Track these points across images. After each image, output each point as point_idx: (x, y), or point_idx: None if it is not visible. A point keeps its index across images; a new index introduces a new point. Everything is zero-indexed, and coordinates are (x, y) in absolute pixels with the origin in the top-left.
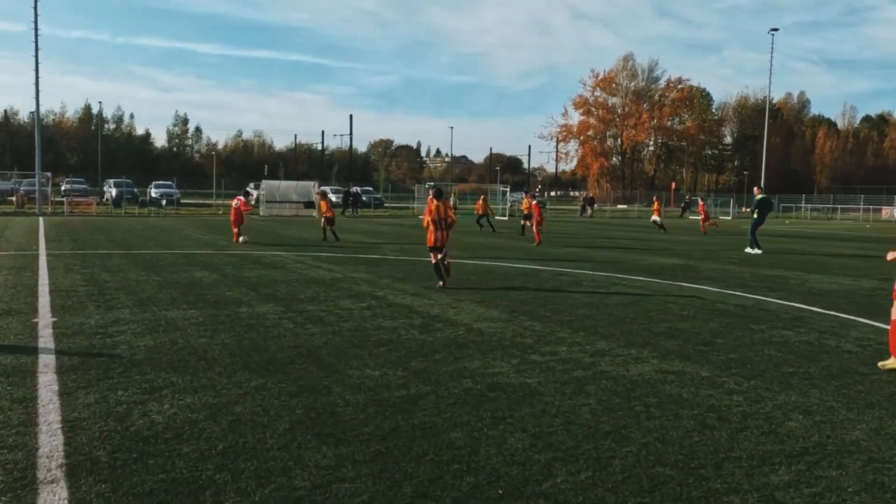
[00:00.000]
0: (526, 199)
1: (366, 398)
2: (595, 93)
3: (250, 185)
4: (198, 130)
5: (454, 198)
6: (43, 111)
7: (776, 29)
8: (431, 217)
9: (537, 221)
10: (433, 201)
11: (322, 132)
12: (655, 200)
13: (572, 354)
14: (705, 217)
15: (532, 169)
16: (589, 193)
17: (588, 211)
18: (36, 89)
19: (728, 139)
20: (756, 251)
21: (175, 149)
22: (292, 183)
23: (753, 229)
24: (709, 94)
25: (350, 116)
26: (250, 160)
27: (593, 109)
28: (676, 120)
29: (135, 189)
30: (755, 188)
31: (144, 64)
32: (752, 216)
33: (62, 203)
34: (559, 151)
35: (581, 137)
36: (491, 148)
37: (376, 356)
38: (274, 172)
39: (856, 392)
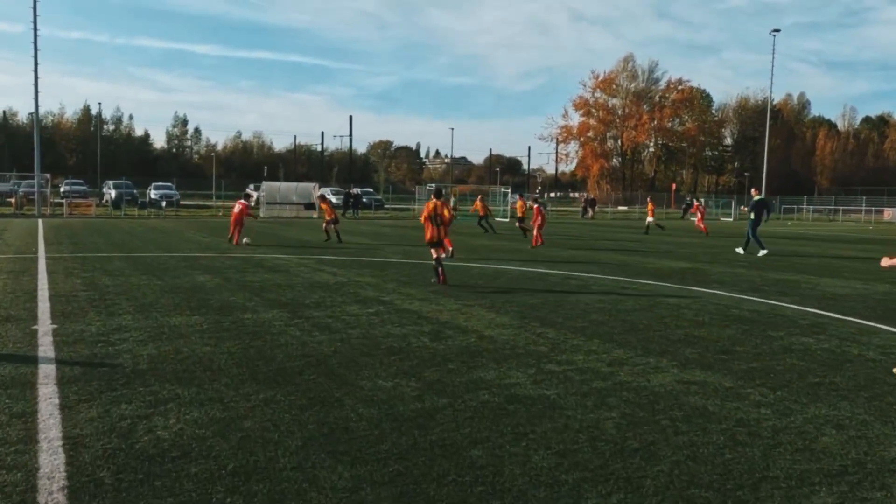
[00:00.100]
0: (520, 202)
1: (380, 412)
2: (595, 94)
3: (250, 187)
4: (197, 131)
5: (454, 199)
6: (42, 112)
7: (778, 30)
8: (427, 213)
9: (539, 224)
10: (432, 200)
11: (322, 133)
12: (650, 202)
13: (589, 364)
14: (701, 217)
15: (532, 170)
16: (590, 195)
17: (589, 212)
18: (35, 90)
19: (728, 140)
20: (741, 251)
21: (174, 150)
22: (292, 184)
23: (753, 231)
24: (709, 96)
25: (350, 118)
26: (250, 161)
27: (593, 110)
28: (677, 121)
29: (134, 190)
30: (753, 190)
31: (144, 65)
32: (749, 217)
33: (61, 205)
34: (559, 153)
35: (581, 139)
36: (491, 149)
37: (387, 366)
38: (273, 174)
39: (887, 404)
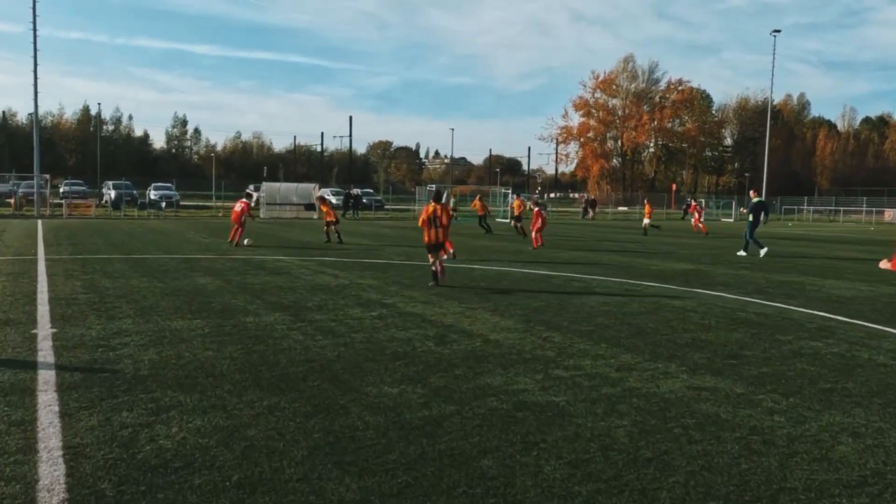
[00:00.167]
0: (517, 201)
1: (386, 420)
2: (595, 94)
3: (250, 187)
4: (197, 132)
5: (454, 200)
6: (41, 112)
7: (778, 30)
8: (426, 217)
9: (539, 227)
10: (431, 203)
11: (321, 133)
12: (647, 204)
13: (597, 369)
14: (699, 217)
15: (531, 171)
16: (590, 195)
17: (590, 213)
18: (34, 90)
19: (728, 141)
20: (743, 253)
21: (174, 150)
22: (292, 185)
23: (750, 232)
24: (709, 96)
25: (350, 118)
26: (249, 161)
27: (594, 111)
28: (677, 122)
29: (134, 191)
30: (752, 191)
31: (143, 65)
32: (748, 219)
33: (61, 205)
34: (559, 153)
35: (581, 139)
36: (490, 149)
37: (393, 371)
38: (273, 174)
39: None
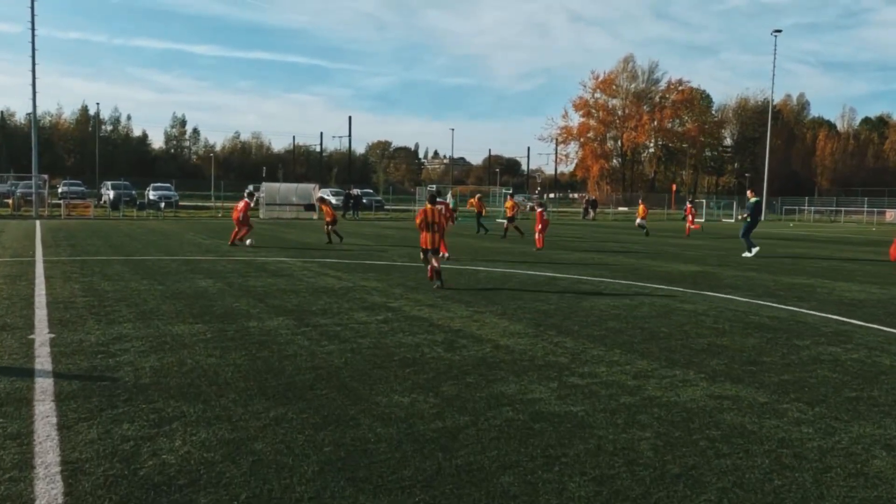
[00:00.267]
0: (510, 202)
1: (399, 432)
2: (595, 94)
3: (249, 188)
4: (195, 132)
5: (453, 201)
6: (40, 112)
7: (779, 30)
8: (423, 219)
9: (540, 229)
10: (427, 206)
11: (321, 134)
12: (641, 203)
13: (613, 376)
14: (692, 218)
15: (531, 171)
16: (591, 196)
17: (591, 213)
18: (33, 90)
19: (728, 141)
20: (749, 253)
21: (173, 150)
22: (292, 185)
23: (746, 232)
24: (708, 96)
25: (349, 118)
26: (248, 162)
27: (594, 111)
28: (677, 122)
29: (133, 191)
30: (749, 191)
31: (142, 65)
32: (746, 219)
33: (59, 206)
34: (559, 153)
35: (581, 139)
36: (490, 149)
37: (402, 379)
38: (272, 174)
39: None
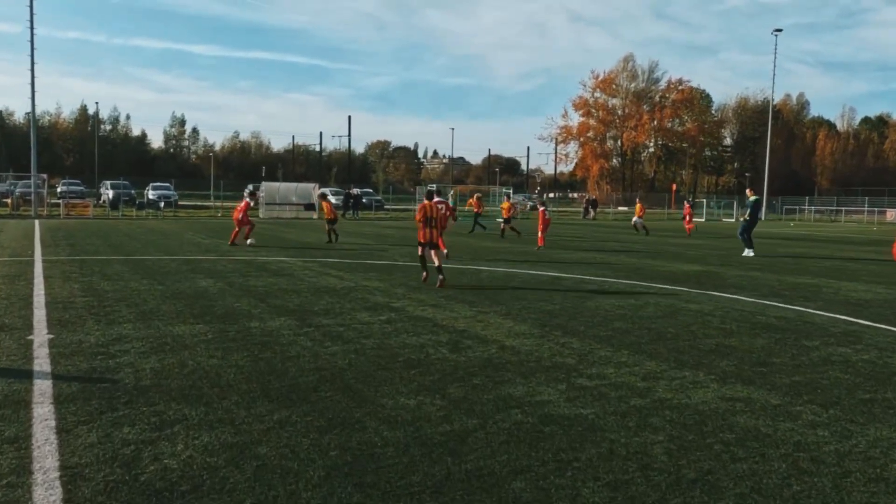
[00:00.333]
0: (506, 203)
1: (406, 435)
2: (595, 94)
3: (249, 188)
4: (195, 132)
5: (453, 200)
6: (39, 112)
7: (780, 29)
8: (423, 215)
9: (542, 228)
10: (426, 202)
11: (320, 133)
12: (638, 202)
13: (622, 378)
14: (689, 218)
15: (530, 170)
16: (591, 196)
17: (591, 213)
18: (32, 90)
19: (728, 141)
20: (750, 252)
21: (172, 150)
22: (292, 185)
23: (743, 231)
24: (708, 96)
25: (349, 118)
26: (248, 161)
27: (593, 111)
28: (677, 121)
29: (132, 191)
30: (748, 190)
31: (141, 65)
32: (745, 218)
33: (58, 205)
34: (559, 153)
35: (581, 139)
36: (489, 149)
37: (408, 381)
38: (272, 174)
39: None
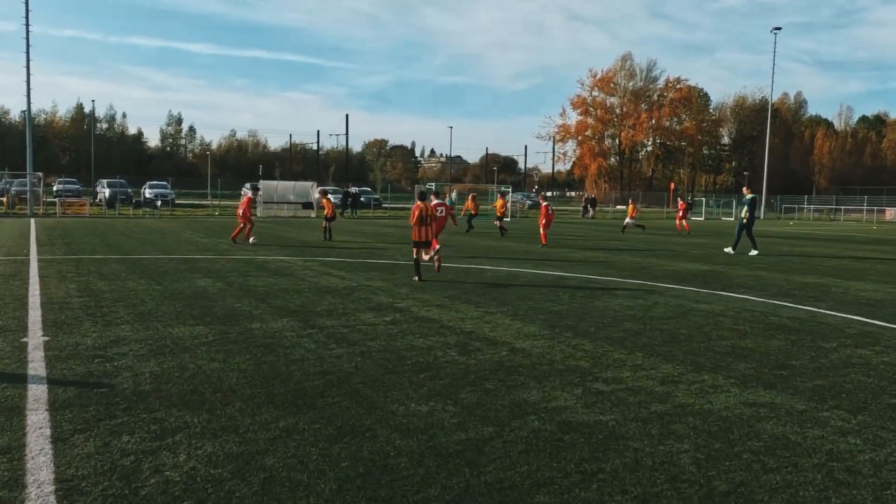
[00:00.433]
0: (500, 200)
1: (420, 444)
2: (593, 93)
3: (246, 186)
4: (191, 130)
5: (450, 199)
6: (34, 110)
7: (779, 28)
8: (419, 216)
9: (545, 224)
10: (420, 203)
11: (317, 132)
12: (631, 203)
13: (639, 382)
14: (683, 215)
15: (528, 169)
16: (590, 194)
17: (590, 212)
18: (27, 88)
19: (726, 139)
20: (755, 252)
21: (168, 148)
22: (290, 183)
23: (748, 230)
24: (706, 95)
25: (346, 116)
26: (244, 160)
27: (591, 109)
28: (675, 120)
29: (129, 189)
30: (745, 188)
31: (137, 63)
32: (744, 218)
33: (54, 204)
34: (557, 152)
35: (579, 137)
36: (487, 148)
37: (417, 385)
38: (269, 172)
39: None
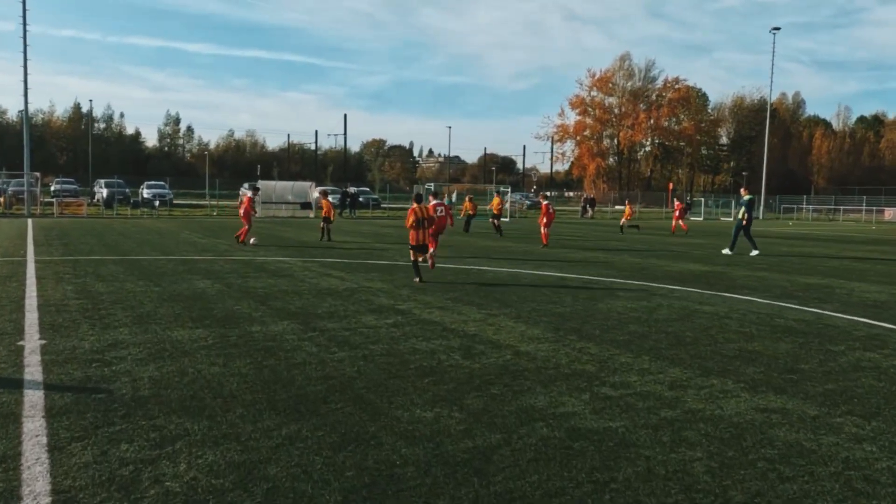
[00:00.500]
0: (496, 199)
1: (426, 452)
2: (592, 92)
3: (244, 186)
4: (189, 130)
5: (449, 199)
6: (32, 110)
7: (778, 28)
8: (416, 218)
9: (546, 223)
10: (415, 205)
11: (315, 132)
12: (627, 204)
13: (647, 386)
14: (679, 216)
15: (526, 169)
16: (589, 194)
17: (589, 212)
18: (24, 87)
19: (724, 139)
20: (756, 252)
21: (166, 148)
22: (288, 183)
23: (747, 231)
24: (705, 95)
25: (345, 116)
26: (243, 160)
27: (590, 109)
28: (673, 120)
29: (126, 189)
30: (742, 189)
31: (136, 63)
32: (740, 217)
33: (52, 204)
34: (556, 152)
35: (578, 137)
36: (485, 148)
37: (422, 390)
38: (267, 172)
39: None
